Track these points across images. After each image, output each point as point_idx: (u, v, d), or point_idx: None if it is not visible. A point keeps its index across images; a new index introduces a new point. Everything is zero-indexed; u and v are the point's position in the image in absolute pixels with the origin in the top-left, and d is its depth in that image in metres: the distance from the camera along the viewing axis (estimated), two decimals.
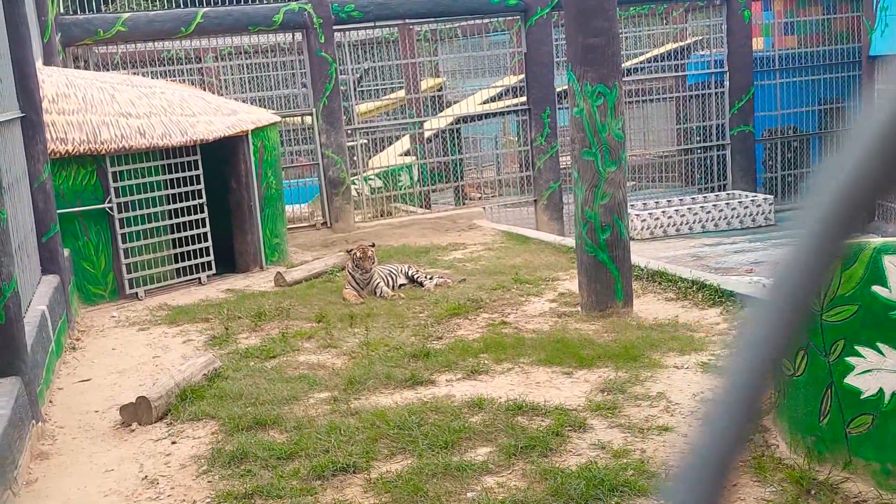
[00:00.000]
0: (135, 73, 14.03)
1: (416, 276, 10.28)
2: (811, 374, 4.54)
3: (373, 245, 10.31)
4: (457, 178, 17.32)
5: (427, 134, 17.73)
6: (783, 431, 4.84)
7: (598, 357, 6.89)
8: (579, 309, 8.43)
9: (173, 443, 5.90)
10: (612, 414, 5.73)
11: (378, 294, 9.75)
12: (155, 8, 16.35)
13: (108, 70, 13.98)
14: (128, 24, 13.55)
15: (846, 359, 4.36)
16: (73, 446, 6.05)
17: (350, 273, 9.90)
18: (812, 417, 4.55)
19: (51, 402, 6.96)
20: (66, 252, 9.68)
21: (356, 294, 9.70)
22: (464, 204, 16.83)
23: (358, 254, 9.85)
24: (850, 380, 4.36)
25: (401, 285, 10.21)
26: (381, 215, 15.47)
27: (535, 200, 16.11)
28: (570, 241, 10.90)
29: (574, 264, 9.15)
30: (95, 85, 10.89)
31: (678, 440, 5.27)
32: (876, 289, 4.24)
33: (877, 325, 4.27)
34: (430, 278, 10.20)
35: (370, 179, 16.05)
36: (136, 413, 6.27)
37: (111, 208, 10.30)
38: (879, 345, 4.27)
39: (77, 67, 13.75)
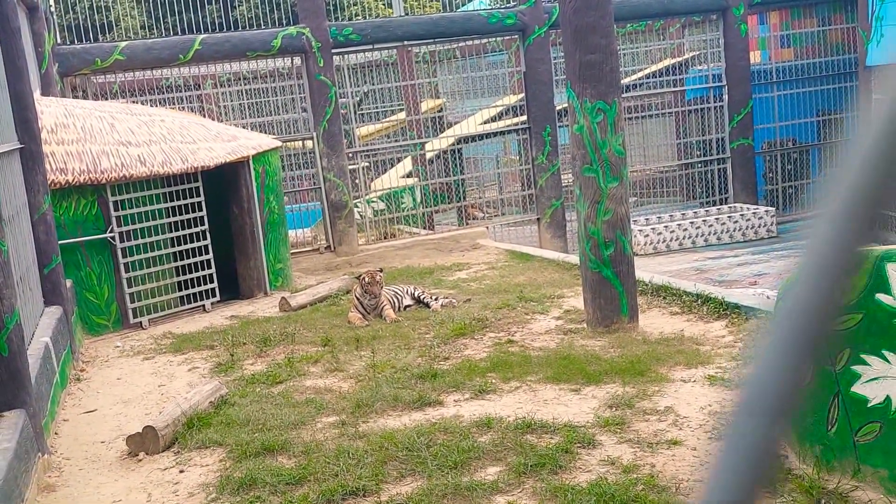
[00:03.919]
0: (134, 102, 14.10)
1: (422, 297, 10.28)
2: (818, 383, 4.51)
3: (381, 270, 10.30)
4: (459, 198, 17.35)
5: (428, 155, 17.77)
6: (791, 442, 4.81)
7: (605, 373, 6.87)
8: (585, 325, 8.41)
9: (181, 471, 5.87)
10: (621, 429, 5.70)
11: (382, 316, 9.74)
12: (153, 36, 16.46)
13: (106, 99, 14.06)
14: (125, 52, 13.63)
15: (852, 367, 4.34)
16: (80, 477, 6.02)
17: (357, 298, 9.88)
18: (820, 427, 4.52)
19: (56, 433, 6.94)
20: (69, 283, 9.69)
21: (361, 317, 9.69)
22: (467, 224, 16.84)
23: (367, 279, 9.85)
24: (857, 388, 4.34)
25: (407, 306, 10.20)
26: (385, 237, 15.48)
27: (538, 218, 16.12)
28: (574, 258, 10.90)
29: (578, 281, 9.14)
30: (94, 114, 10.95)
31: (689, 455, 5.24)
32: (880, 297, 4.22)
33: (882, 333, 4.25)
34: (436, 299, 10.19)
35: (373, 202, 16.08)
36: (143, 442, 6.25)
37: (113, 238, 10.32)
38: (885, 352, 4.25)
39: (75, 97, 13.83)
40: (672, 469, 5.03)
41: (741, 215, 16.37)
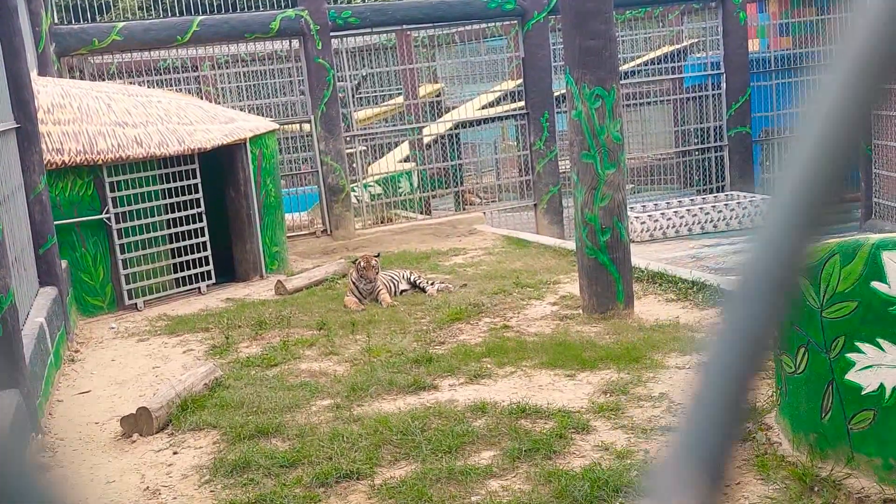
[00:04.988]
0: (131, 83, 14.03)
1: (418, 282, 10.27)
2: (812, 371, 4.52)
3: (378, 255, 10.28)
4: (456, 183, 17.32)
5: (426, 140, 17.73)
6: (785, 429, 4.82)
7: (601, 359, 6.88)
8: (580, 311, 8.41)
9: (175, 453, 5.88)
10: (615, 415, 5.71)
11: (378, 300, 9.73)
12: (150, 17, 16.36)
13: (103, 80, 13.99)
14: (123, 33, 13.55)
15: (847, 355, 4.35)
16: (74, 458, 6.02)
17: (353, 282, 9.87)
18: (814, 415, 4.53)
19: (50, 414, 6.94)
20: (64, 264, 9.66)
21: (357, 301, 9.68)
22: (464, 209, 16.81)
23: (363, 263, 9.83)
24: (851, 376, 4.34)
25: (403, 291, 10.20)
26: (382, 222, 15.46)
27: (535, 204, 16.10)
28: (571, 245, 10.89)
29: (574, 267, 9.14)
30: (91, 94, 10.89)
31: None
32: (875, 285, 4.22)
33: (876, 321, 4.25)
34: (432, 284, 10.19)
35: (370, 186, 16.04)
36: (137, 424, 6.25)
37: (109, 219, 10.29)
38: (879, 340, 4.25)
39: (72, 77, 13.75)
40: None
41: (738, 203, 16.37)
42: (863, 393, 4.32)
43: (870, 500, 4.16)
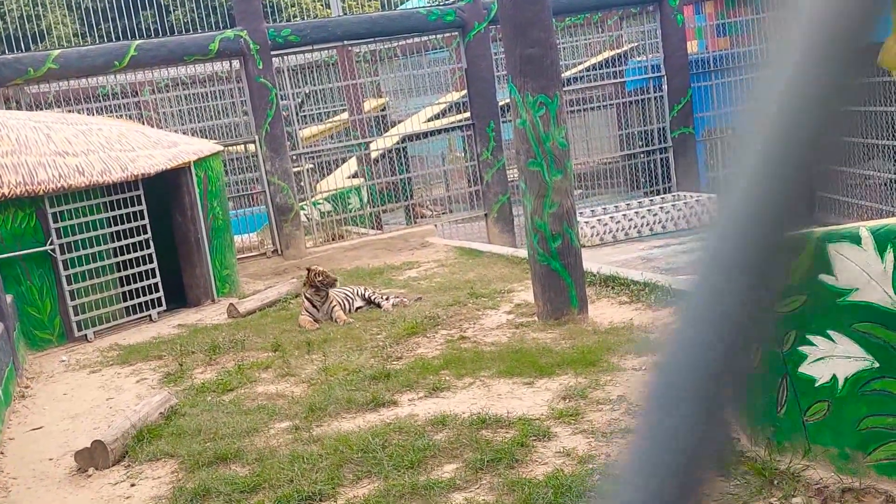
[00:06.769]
0: (70, 111, 13.78)
1: (372, 298, 10.22)
2: (766, 365, 4.59)
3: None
4: (406, 197, 17.31)
5: (373, 155, 17.71)
6: (743, 424, 4.88)
7: (558, 365, 6.90)
8: (536, 318, 8.45)
9: (132, 485, 5.76)
10: (575, 420, 5.73)
11: (333, 318, 9.66)
12: (86, 43, 16.10)
13: (41, 109, 13.73)
14: (59, 61, 13.31)
15: (799, 348, 4.42)
16: (29, 497, 5.87)
17: (307, 297, 9.79)
18: (770, 408, 4.59)
19: (2, 453, 6.76)
20: (9, 298, 9.44)
21: (312, 320, 9.60)
22: (415, 222, 16.80)
23: (312, 273, 9.77)
24: (804, 368, 4.42)
25: (358, 308, 10.14)
26: (333, 239, 15.38)
27: (486, 214, 16.17)
28: (523, 253, 10.94)
29: (528, 275, 9.18)
30: (29, 125, 10.67)
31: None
32: (823, 277, 4.30)
33: (826, 314, 4.32)
34: (387, 298, 10.15)
35: (319, 204, 15.96)
36: (93, 458, 6.11)
37: (53, 250, 10.08)
38: (830, 332, 4.33)
39: (9, 108, 13.47)
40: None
41: (685, 203, 16.60)
42: (816, 385, 4.39)
43: (828, 491, 4.23)
